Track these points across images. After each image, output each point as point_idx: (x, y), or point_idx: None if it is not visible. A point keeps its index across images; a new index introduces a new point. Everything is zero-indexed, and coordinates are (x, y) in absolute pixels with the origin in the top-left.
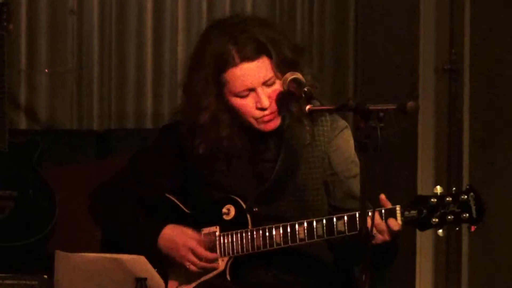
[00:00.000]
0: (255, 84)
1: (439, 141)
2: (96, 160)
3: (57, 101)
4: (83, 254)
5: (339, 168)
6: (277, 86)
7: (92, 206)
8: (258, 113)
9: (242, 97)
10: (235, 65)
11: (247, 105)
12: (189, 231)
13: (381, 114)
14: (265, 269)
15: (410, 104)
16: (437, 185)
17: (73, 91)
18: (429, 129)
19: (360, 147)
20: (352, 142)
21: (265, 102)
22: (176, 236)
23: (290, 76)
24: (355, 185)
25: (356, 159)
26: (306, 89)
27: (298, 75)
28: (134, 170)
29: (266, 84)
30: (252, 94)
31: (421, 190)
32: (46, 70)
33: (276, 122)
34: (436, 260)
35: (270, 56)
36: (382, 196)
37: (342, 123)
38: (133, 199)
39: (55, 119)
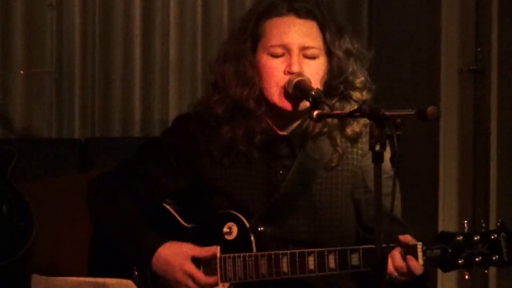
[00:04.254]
0: (293, 44)
1: (463, 153)
2: (77, 172)
3: (34, 106)
4: (63, 278)
5: (373, 184)
6: (319, 64)
7: (89, 198)
8: (284, 81)
9: (274, 56)
10: (280, 14)
11: (276, 68)
12: (186, 250)
13: (398, 120)
14: None
15: (430, 109)
16: (460, 205)
17: (52, 95)
18: (452, 138)
19: (374, 158)
20: (388, 155)
21: (295, 66)
22: (173, 258)
23: (295, 78)
24: (389, 204)
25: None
26: (313, 93)
27: (304, 77)
28: (140, 165)
29: (305, 51)
30: (286, 57)
31: (442, 211)
32: (22, 72)
33: (298, 105)
34: None
35: (321, 26)
36: (401, 237)
37: None
38: (134, 201)
39: (32, 126)
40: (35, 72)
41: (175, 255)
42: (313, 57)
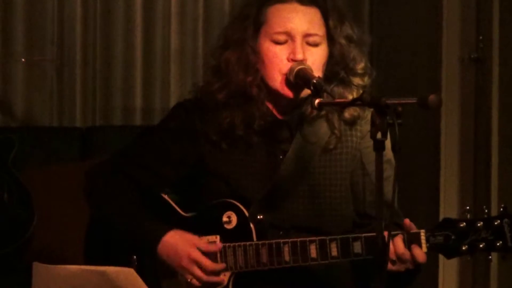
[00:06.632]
0: (296, 31)
1: (464, 141)
2: (78, 161)
3: (35, 94)
4: (64, 266)
5: (371, 167)
6: (321, 51)
7: (89, 188)
8: (287, 68)
9: (277, 43)
10: (283, 1)
11: (279, 54)
12: (192, 239)
13: (400, 109)
14: (274, 285)
15: (432, 97)
16: (461, 191)
17: (53, 83)
18: (454, 127)
19: (375, 147)
20: (388, 139)
21: (299, 55)
22: (179, 245)
23: (296, 66)
24: (387, 189)
25: (392, 159)
26: (315, 81)
27: (305, 66)
28: (139, 154)
29: (308, 38)
30: (289, 44)
31: (443, 198)
32: (23, 60)
33: (300, 92)
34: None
35: (324, 13)
36: (407, 221)
37: None
38: (134, 189)
39: (33, 114)
40: (36, 60)
41: (182, 242)
42: (315, 45)
